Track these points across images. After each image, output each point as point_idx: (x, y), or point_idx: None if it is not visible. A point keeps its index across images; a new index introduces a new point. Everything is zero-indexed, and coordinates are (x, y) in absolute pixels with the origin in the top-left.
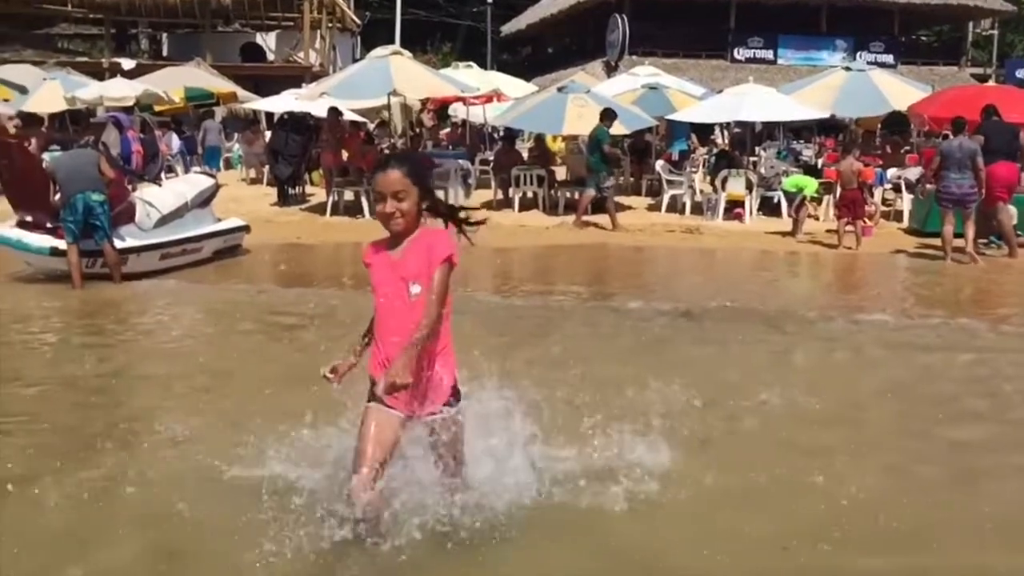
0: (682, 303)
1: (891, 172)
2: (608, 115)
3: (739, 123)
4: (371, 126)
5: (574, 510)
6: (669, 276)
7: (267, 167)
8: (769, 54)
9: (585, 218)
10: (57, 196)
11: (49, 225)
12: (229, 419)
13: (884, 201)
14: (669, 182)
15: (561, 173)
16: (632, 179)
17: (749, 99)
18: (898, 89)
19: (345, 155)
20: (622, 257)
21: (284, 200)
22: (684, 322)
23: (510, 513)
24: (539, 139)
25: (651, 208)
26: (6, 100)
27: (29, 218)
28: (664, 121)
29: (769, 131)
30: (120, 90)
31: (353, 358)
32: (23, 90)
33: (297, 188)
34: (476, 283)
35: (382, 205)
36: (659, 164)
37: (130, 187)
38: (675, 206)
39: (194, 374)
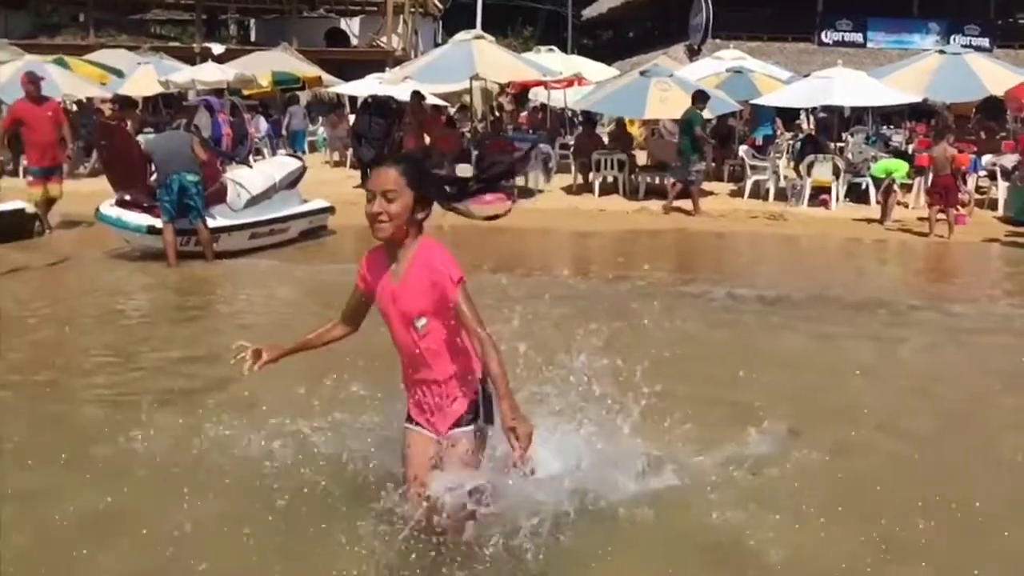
0: (766, 290)
1: (986, 159)
2: (701, 97)
3: (825, 108)
4: (452, 110)
5: (677, 504)
6: (752, 262)
7: (350, 150)
8: (858, 37)
9: (675, 204)
10: (153, 176)
11: (146, 204)
12: (315, 393)
13: (978, 188)
14: (752, 167)
15: (642, 158)
16: (714, 164)
17: (838, 83)
18: (995, 73)
19: (427, 139)
20: (704, 243)
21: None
22: (769, 309)
23: (608, 511)
24: (620, 123)
25: (733, 194)
26: (103, 83)
27: (128, 197)
28: (748, 105)
29: (857, 116)
30: (211, 74)
31: (292, 345)
32: (120, 74)
33: None
34: (556, 267)
35: (370, 204)
36: (743, 149)
37: (221, 168)
38: (758, 192)
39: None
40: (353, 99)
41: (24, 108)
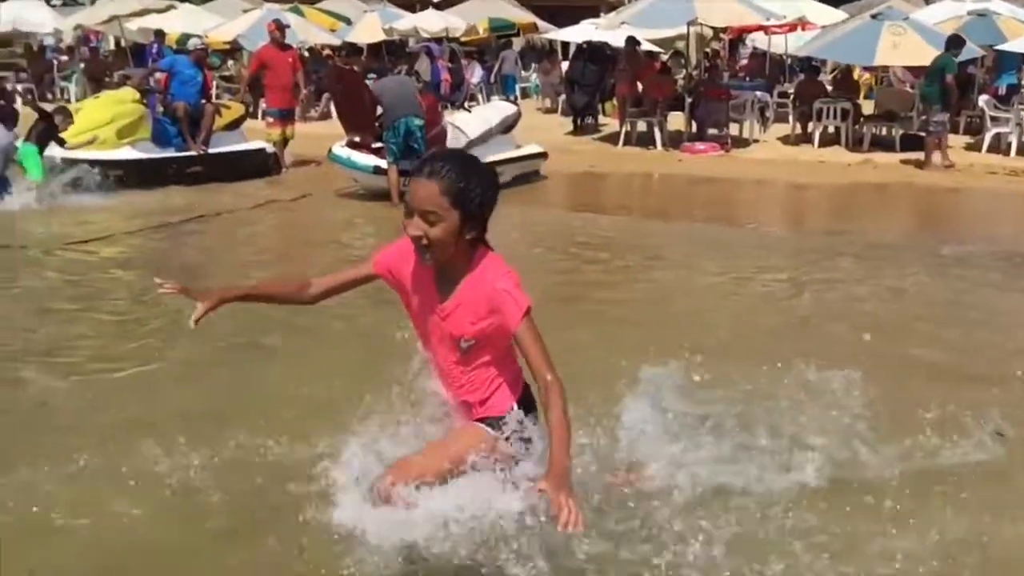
0: (1002, 249)
1: None
2: (956, 43)
3: None
4: (664, 56)
5: (917, 462)
6: (988, 221)
7: (562, 96)
8: None
9: (903, 156)
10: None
11: (373, 146)
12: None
13: None
14: (994, 119)
15: (867, 107)
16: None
17: None
18: None
19: (640, 86)
20: (935, 199)
21: (579, 129)
22: (1004, 269)
23: (839, 479)
24: (845, 70)
25: (970, 147)
26: (333, 31)
27: (357, 139)
28: (992, 51)
29: None
30: (433, 22)
31: (240, 292)
32: (348, 21)
33: (590, 118)
34: (768, 219)
35: (407, 221)
36: (983, 99)
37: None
38: (999, 146)
39: None
40: (565, 45)
41: (270, 53)
